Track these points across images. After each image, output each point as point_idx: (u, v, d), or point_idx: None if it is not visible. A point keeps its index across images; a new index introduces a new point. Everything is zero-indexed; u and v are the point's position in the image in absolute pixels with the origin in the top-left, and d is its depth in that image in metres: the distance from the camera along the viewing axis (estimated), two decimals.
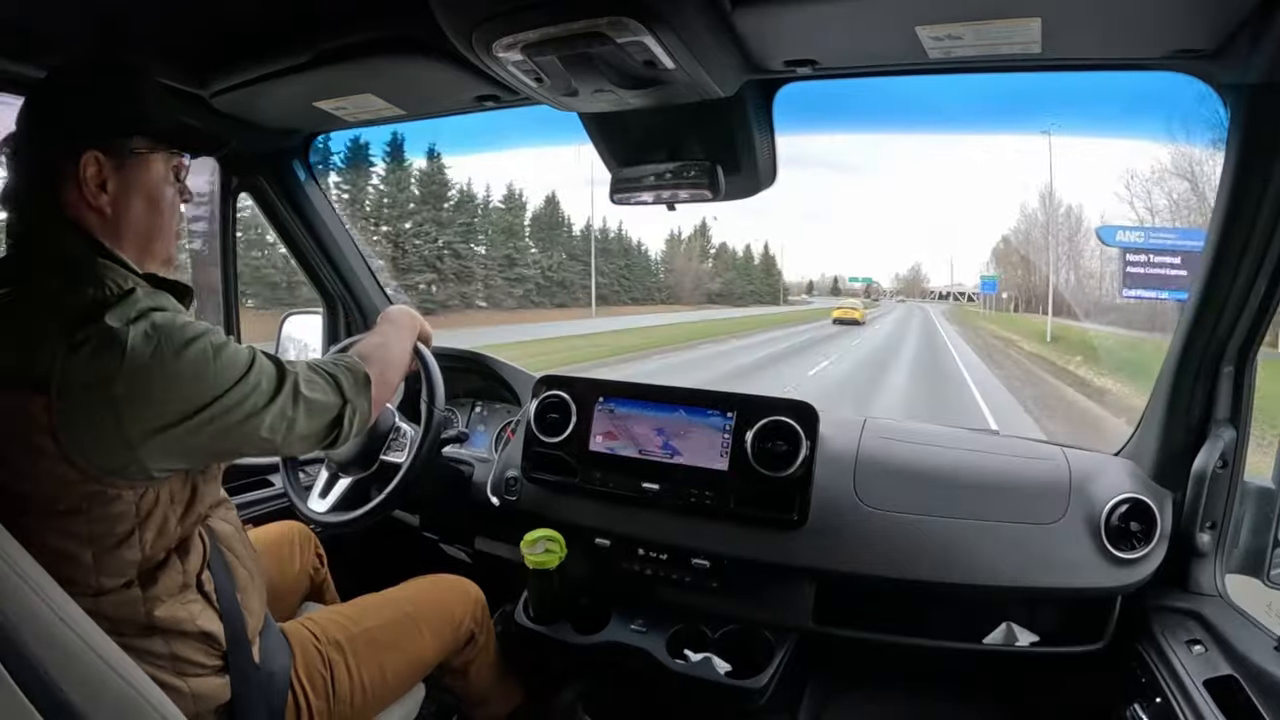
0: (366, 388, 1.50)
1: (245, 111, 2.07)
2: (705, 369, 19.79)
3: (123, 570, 1.23)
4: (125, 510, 1.20)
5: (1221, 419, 1.69)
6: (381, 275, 2.77)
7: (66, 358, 1.12)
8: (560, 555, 1.94)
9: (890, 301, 76.61)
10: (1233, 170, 1.45)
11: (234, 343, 1.28)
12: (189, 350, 1.19)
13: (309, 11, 1.63)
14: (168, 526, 1.27)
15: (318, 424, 1.39)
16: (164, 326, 1.18)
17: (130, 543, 1.22)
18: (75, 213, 1.26)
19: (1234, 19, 1.25)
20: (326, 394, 1.41)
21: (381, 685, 1.64)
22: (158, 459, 1.19)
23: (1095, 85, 1.60)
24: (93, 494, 1.16)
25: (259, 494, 2.33)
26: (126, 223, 1.30)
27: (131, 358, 1.13)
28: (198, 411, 1.20)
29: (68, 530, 1.17)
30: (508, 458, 2.28)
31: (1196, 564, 1.73)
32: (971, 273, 73.24)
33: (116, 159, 1.28)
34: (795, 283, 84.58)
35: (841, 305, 46.01)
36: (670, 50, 1.36)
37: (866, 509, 1.88)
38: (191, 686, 1.29)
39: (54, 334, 1.13)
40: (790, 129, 1.84)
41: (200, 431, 1.21)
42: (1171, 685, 1.52)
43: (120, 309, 1.16)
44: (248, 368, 1.27)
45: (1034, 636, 1.83)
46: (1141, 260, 8.47)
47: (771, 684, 1.85)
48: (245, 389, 1.26)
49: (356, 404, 1.46)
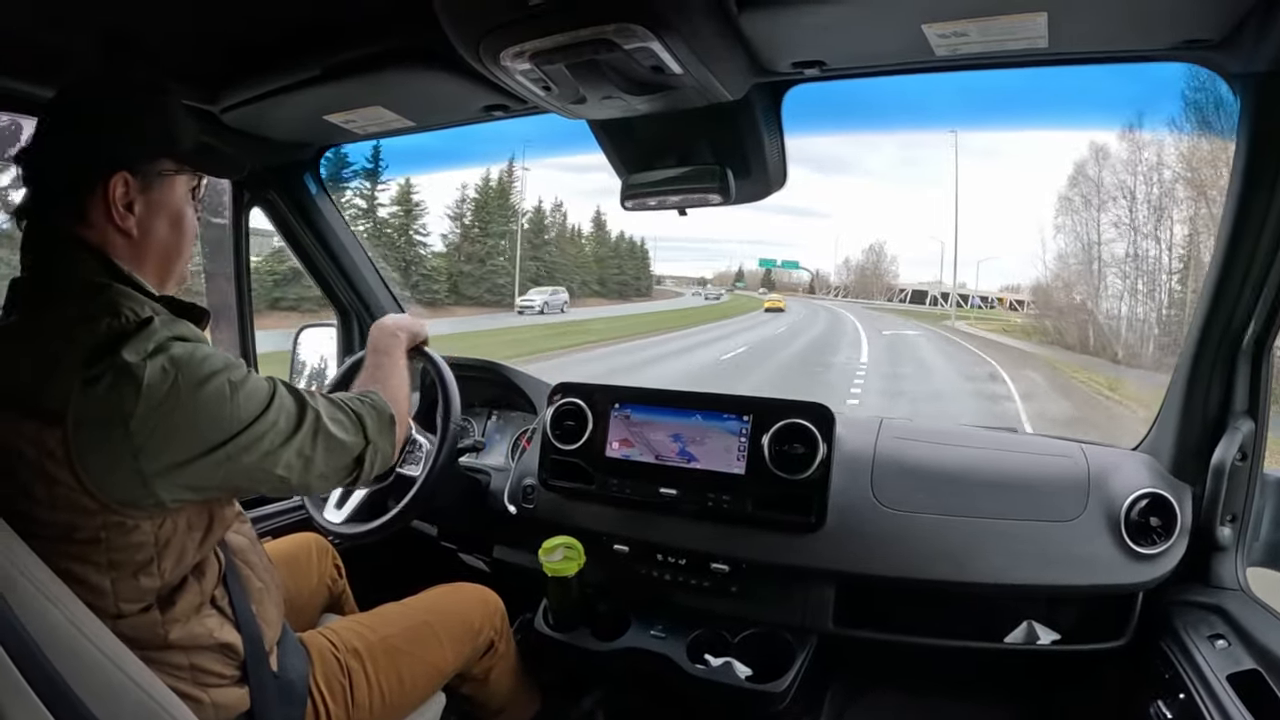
0: (391, 428, 1.49)
1: (255, 126, 2.08)
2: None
3: (141, 596, 1.22)
4: (144, 540, 1.19)
5: (1240, 411, 1.67)
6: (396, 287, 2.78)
7: (82, 392, 1.11)
8: (579, 562, 1.93)
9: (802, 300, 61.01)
10: (1244, 159, 1.44)
11: (254, 376, 1.27)
12: (207, 387, 1.18)
13: (317, 25, 1.64)
14: (186, 553, 1.26)
15: (337, 463, 1.38)
16: (181, 360, 1.16)
17: (149, 570, 1.21)
18: (99, 234, 1.24)
19: (1241, 7, 1.24)
20: (348, 433, 1.39)
21: (400, 694, 1.64)
22: (173, 492, 1.18)
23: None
24: (111, 524, 1.16)
25: (276, 506, 2.33)
26: (150, 244, 1.29)
27: (148, 394, 1.12)
28: (214, 449, 1.19)
29: (87, 558, 1.16)
30: (524, 466, 2.28)
31: (1217, 558, 1.72)
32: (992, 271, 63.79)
33: (144, 180, 1.27)
34: (724, 272, 75.06)
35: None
36: (677, 55, 1.36)
37: (884, 510, 1.88)
38: (212, 697, 1.30)
39: (69, 366, 1.12)
40: (800, 130, 1.84)
41: (217, 468, 1.20)
42: (1195, 681, 1.51)
43: (137, 342, 1.14)
44: (266, 405, 1.26)
45: (1055, 635, 1.82)
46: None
47: (793, 687, 1.84)
48: (263, 427, 1.24)
49: (379, 445, 1.45)
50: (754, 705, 1.87)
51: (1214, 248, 1.56)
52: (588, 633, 2.04)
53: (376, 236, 33.74)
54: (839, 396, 14.17)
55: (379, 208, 34.62)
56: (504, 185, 41.65)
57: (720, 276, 70.19)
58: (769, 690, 1.84)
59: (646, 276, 58.05)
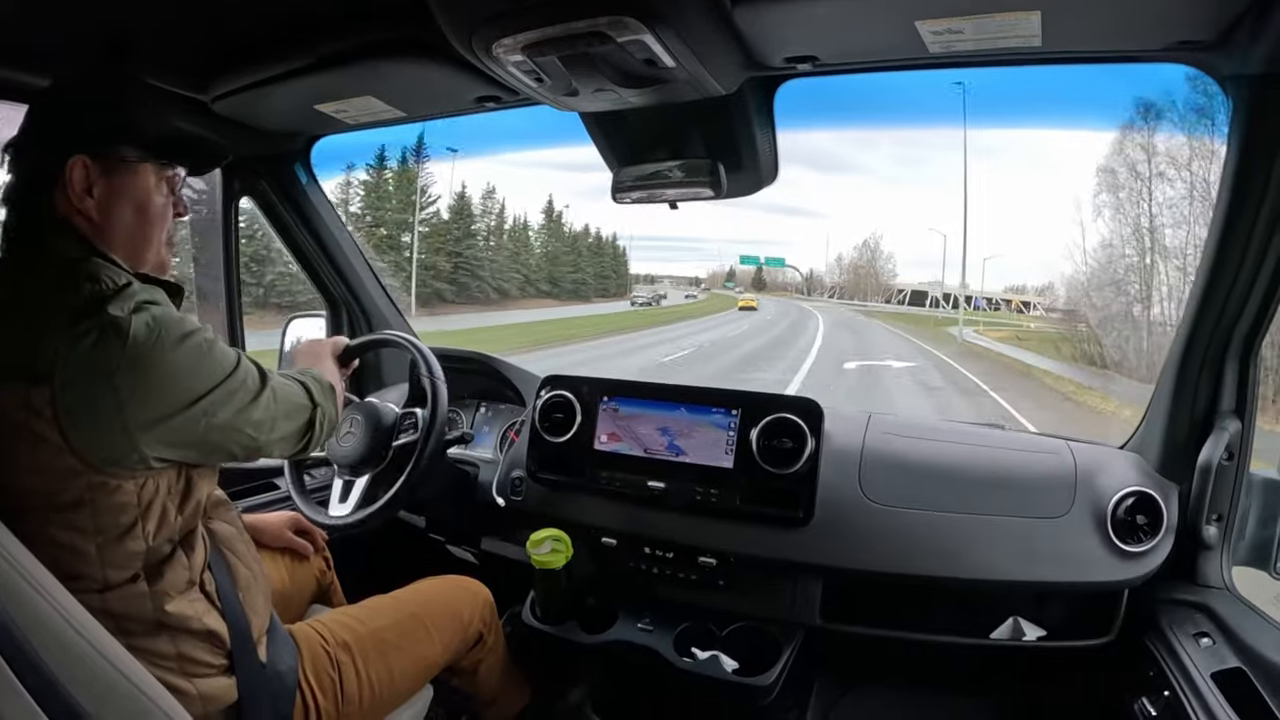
0: (333, 395, 1.58)
1: (246, 116, 2.07)
2: None
3: (128, 562, 1.24)
4: (127, 501, 1.21)
5: (1226, 411, 1.68)
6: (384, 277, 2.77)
7: (70, 349, 1.13)
8: (567, 555, 1.94)
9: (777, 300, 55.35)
10: (1235, 161, 1.45)
11: (221, 341, 1.31)
12: (187, 343, 1.22)
13: (309, 15, 1.64)
14: (168, 517, 1.28)
15: (293, 425, 1.45)
16: (163, 319, 1.20)
17: (134, 533, 1.23)
18: (65, 216, 1.27)
19: (1234, 9, 1.24)
20: (299, 397, 1.48)
21: (390, 686, 1.64)
22: (156, 449, 1.20)
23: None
24: (95, 485, 1.18)
25: (265, 496, 2.32)
26: (113, 229, 1.31)
27: (133, 345, 1.15)
28: (194, 403, 1.22)
29: (72, 524, 1.18)
30: (513, 458, 2.28)
31: (1203, 557, 1.72)
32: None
33: (104, 166, 1.29)
34: (718, 271, 71.15)
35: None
36: (671, 49, 1.36)
37: (872, 505, 1.88)
38: (199, 688, 1.30)
39: (56, 328, 1.14)
40: (792, 125, 1.85)
41: (196, 423, 1.23)
42: (1180, 679, 1.52)
43: (119, 300, 1.18)
44: (236, 364, 1.31)
45: (1041, 631, 1.83)
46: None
47: (779, 681, 1.85)
48: (235, 384, 1.29)
49: (325, 408, 1.53)
50: (741, 698, 1.87)
51: (1203, 248, 1.57)
52: (575, 625, 2.05)
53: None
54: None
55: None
56: (411, 176, 35.39)
57: (714, 276, 68.64)
58: (756, 683, 1.84)
59: (620, 276, 52.30)
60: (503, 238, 41.33)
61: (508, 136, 2.68)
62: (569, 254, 46.66)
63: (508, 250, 41.47)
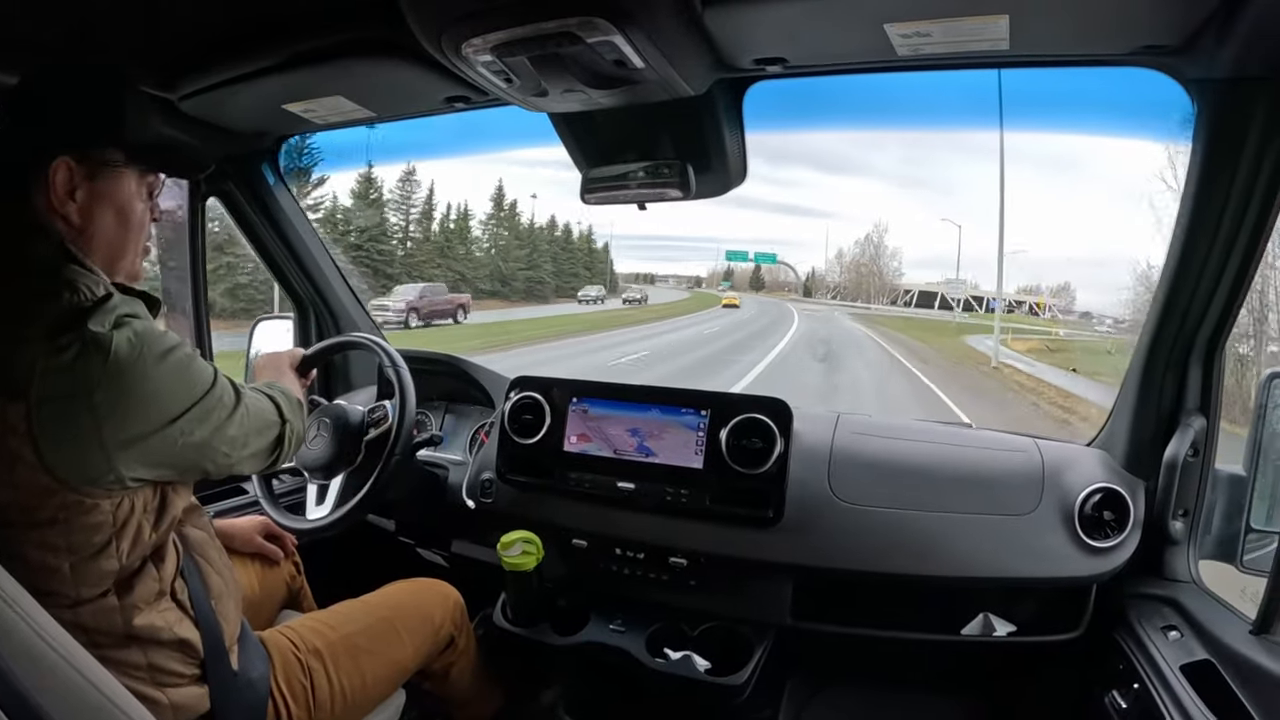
0: (301, 410, 1.58)
1: (213, 115, 2.05)
2: None
3: (101, 580, 1.22)
4: (103, 520, 1.19)
5: (1192, 408, 1.71)
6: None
7: (47, 363, 1.10)
8: (537, 557, 1.94)
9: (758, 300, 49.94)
10: (1199, 164, 1.46)
11: (198, 355, 1.30)
12: (167, 360, 1.20)
13: (277, 14, 1.62)
14: (142, 535, 1.25)
15: (264, 441, 1.45)
16: (144, 334, 1.18)
17: (108, 553, 1.21)
18: (46, 219, 1.24)
19: (1199, 14, 1.26)
20: (271, 413, 1.48)
21: (362, 692, 1.63)
22: (133, 468, 1.18)
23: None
24: (70, 504, 1.15)
25: (233, 501, 2.29)
26: (93, 234, 1.28)
27: (114, 363, 1.13)
28: (172, 421, 1.20)
29: (46, 542, 1.16)
30: (482, 460, 2.28)
31: (1170, 551, 1.74)
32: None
33: (88, 168, 1.26)
34: (717, 270, 66.58)
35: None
36: (640, 50, 1.36)
37: (842, 504, 1.89)
38: (170, 697, 1.28)
39: (33, 339, 1.11)
40: (761, 127, 1.85)
41: (174, 442, 1.21)
42: (1149, 672, 1.54)
43: (100, 315, 1.15)
44: (213, 381, 1.29)
45: (1011, 627, 1.85)
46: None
47: (752, 680, 1.86)
48: (212, 401, 1.28)
49: (294, 424, 1.53)
50: (714, 698, 1.88)
51: (1168, 248, 1.58)
52: (547, 627, 2.04)
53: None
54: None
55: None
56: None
57: (713, 276, 67.84)
58: (728, 683, 1.85)
59: (595, 274, 44.00)
60: (430, 228, 35.92)
61: (479, 137, 2.65)
62: (522, 249, 39.68)
63: (436, 244, 35.88)
